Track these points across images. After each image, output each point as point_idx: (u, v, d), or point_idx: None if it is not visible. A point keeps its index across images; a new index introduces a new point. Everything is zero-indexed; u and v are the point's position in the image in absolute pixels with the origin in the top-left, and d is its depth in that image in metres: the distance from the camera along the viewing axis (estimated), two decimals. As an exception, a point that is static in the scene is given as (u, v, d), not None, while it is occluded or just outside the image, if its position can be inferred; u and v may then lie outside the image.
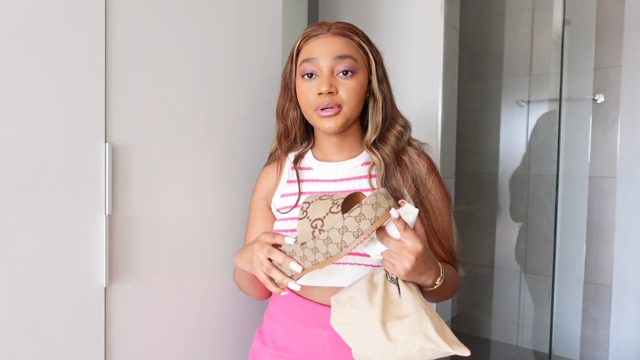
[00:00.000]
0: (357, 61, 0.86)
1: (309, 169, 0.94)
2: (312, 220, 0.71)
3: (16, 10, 0.68)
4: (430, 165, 0.91)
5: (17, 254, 0.69)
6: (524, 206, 2.26)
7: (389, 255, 0.73)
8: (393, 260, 0.73)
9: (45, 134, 0.72)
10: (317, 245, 0.71)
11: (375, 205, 0.69)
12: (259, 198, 0.97)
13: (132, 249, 0.85)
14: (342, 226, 0.68)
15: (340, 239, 0.69)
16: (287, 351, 0.87)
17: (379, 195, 0.69)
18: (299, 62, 0.88)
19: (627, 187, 2.01)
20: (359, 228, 0.68)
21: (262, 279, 0.78)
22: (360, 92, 0.87)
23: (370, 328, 0.72)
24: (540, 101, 2.24)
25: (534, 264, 2.24)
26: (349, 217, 0.68)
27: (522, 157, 2.28)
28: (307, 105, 0.87)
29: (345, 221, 0.68)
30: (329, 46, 0.85)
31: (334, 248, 0.70)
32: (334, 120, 0.85)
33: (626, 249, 2.02)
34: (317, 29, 0.88)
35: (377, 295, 0.74)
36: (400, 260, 0.72)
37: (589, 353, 2.14)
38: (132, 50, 0.84)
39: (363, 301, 0.74)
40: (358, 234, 0.68)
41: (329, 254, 0.70)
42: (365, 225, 0.68)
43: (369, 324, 0.73)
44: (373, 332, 0.72)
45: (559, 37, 2.06)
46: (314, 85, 0.85)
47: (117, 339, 0.83)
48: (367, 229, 0.68)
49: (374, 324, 0.72)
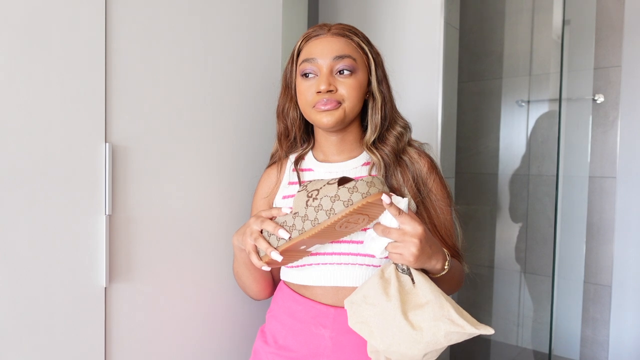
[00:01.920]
0: (356, 61, 0.86)
1: (310, 170, 0.94)
2: (309, 191, 0.74)
3: (16, 10, 0.68)
4: (431, 164, 0.92)
5: (17, 254, 0.69)
6: (524, 206, 2.26)
7: (394, 247, 0.73)
8: (399, 249, 0.73)
9: (45, 134, 0.72)
10: (307, 213, 0.73)
11: (370, 184, 0.71)
12: (261, 198, 0.98)
13: (132, 249, 0.85)
14: (334, 194, 0.71)
15: (330, 206, 0.71)
16: (289, 350, 0.88)
17: (375, 179, 0.73)
18: (299, 62, 0.89)
19: (627, 187, 2.01)
20: (350, 198, 0.70)
21: (248, 250, 0.80)
22: (359, 90, 0.87)
23: (391, 321, 0.73)
24: (540, 101, 2.24)
25: (534, 264, 2.24)
26: (343, 187, 0.71)
27: (522, 157, 2.27)
28: (305, 103, 0.87)
29: (339, 191, 0.71)
30: (328, 46, 0.86)
31: (322, 215, 0.71)
32: (331, 114, 0.85)
33: (626, 249, 2.02)
34: (317, 29, 0.89)
35: (392, 288, 0.75)
36: (407, 246, 0.72)
37: (589, 353, 2.13)
38: (132, 50, 0.84)
39: (379, 297, 0.74)
40: (348, 203, 0.70)
41: (317, 221, 0.72)
42: (357, 197, 0.70)
43: (389, 318, 0.73)
44: (395, 324, 0.72)
45: (559, 37, 2.06)
46: (312, 84, 0.86)
47: (117, 339, 0.83)
48: (358, 201, 0.70)
49: (395, 316, 0.72)
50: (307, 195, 0.74)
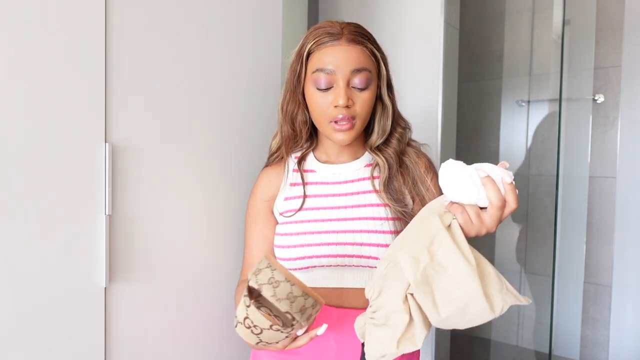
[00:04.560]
0: (371, 72, 0.85)
1: (312, 171, 0.94)
2: (250, 324, 0.69)
3: (16, 9, 0.68)
4: (428, 164, 0.93)
5: (17, 254, 0.69)
6: (524, 206, 2.26)
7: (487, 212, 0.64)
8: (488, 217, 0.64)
9: (45, 133, 0.72)
10: (281, 315, 0.68)
11: (275, 284, 0.66)
12: (261, 201, 0.95)
13: (132, 249, 0.85)
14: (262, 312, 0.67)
15: (281, 301, 0.66)
16: (292, 353, 0.87)
17: (262, 273, 0.67)
18: (311, 69, 0.85)
19: (627, 187, 2.01)
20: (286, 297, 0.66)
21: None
22: (372, 103, 0.87)
23: (465, 288, 0.62)
24: (540, 101, 2.24)
25: (534, 264, 2.24)
26: (261, 310, 0.67)
27: (522, 157, 2.28)
28: (321, 116, 0.85)
29: (259, 311, 0.67)
30: (345, 56, 0.82)
31: (284, 305, 0.66)
32: (348, 133, 0.85)
33: (626, 249, 2.02)
34: (329, 31, 0.84)
35: (463, 247, 0.63)
36: (493, 219, 0.63)
37: (589, 353, 2.13)
38: (132, 50, 0.84)
39: (454, 255, 0.62)
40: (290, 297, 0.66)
41: (288, 305, 0.67)
42: (285, 304, 0.66)
43: (463, 285, 0.62)
44: (470, 293, 0.61)
45: (559, 37, 2.05)
46: (329, 96, 0.84)
47: (117, 339, 0.83)
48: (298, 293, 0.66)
49: (471, 284, 0.61)
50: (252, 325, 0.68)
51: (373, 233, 0.84)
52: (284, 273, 0.67)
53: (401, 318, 0.66)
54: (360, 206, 0.87)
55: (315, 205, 0.89)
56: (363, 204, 0.88)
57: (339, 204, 0.89)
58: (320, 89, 0.84)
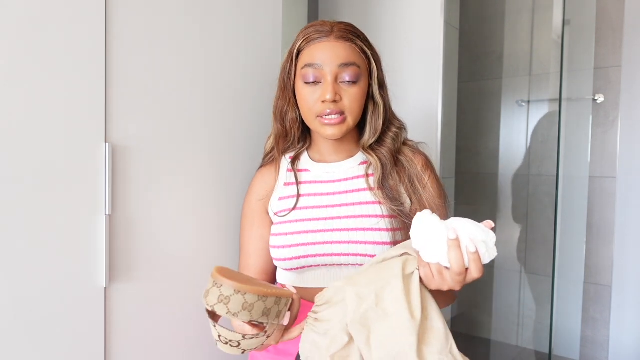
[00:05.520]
0: (360, 68, 0.85)
1: (306, 170, 0.94)
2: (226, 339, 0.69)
3: (16, 9, 0.68)
4: (425, 161, 0.92)
5: (17, 254, 0.69)
6: (524, 206, 2.26)
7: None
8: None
9: (45, 133, 0.72)
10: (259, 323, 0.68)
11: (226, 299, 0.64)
12: (256, 201, 0.95)
13: (132, 249, 0.85)
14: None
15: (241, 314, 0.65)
16: (288, 354, 0.87)
17: (217, 290, 0.65)
18: (301, 66, 0.86)
19: (627, 187, 2.01)
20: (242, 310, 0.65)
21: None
22: (362, 99, 0.87)
23: (400, 338, 0.63)
24: (540, 101, 2.24)
25: (534, 264, 2.24)
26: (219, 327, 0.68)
27: (522, 157, 2.28)
28: (309, 111, 0.86)
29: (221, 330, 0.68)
30: (333, 52, 0.83)
31: (244, 315, 0.65)
32: (337, 128, 0.85)
33: (626, 249, 2.02)
34: (318, 29, 0.86)
35: (414, 298, 0.65)
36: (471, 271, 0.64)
37: (589, 353, 2.13)
38: (132, 50, 0.84)
39: (399, 305, 0.64)
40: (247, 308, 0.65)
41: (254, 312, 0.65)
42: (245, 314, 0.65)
43: (400, 334, 0.63)
44: (404, 342, 0.63)
45: (559, 37, 2.06)
46: (316, 91, 0.84)
47: (117, 339, 0.83)
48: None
49: (408, 337, 0.62)
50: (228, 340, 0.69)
51: (369, 231, 0.84)
52: (233, 286, 0.63)
53: (341, 336, 0.66)
54: (354, 204, 0.87)
55: (309, 204, 0.89)
56: (357, 202, 0.87)
57: (333, 203, 0.88)
58: (307, 83, 0.85)
